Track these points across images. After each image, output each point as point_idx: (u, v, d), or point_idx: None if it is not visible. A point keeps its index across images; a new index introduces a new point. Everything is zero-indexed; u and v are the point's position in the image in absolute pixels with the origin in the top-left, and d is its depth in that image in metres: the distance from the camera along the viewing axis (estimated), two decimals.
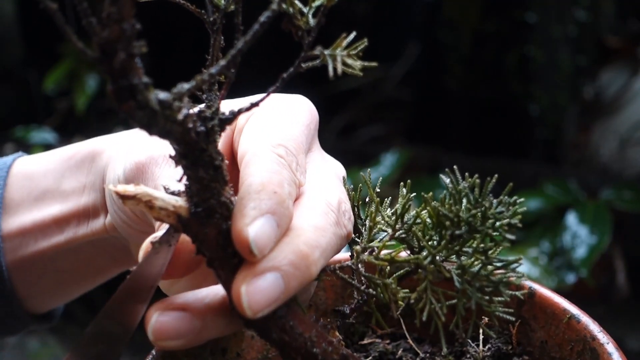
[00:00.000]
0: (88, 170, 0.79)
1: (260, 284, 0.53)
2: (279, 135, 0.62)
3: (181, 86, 0.48)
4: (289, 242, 0.55)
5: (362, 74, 0.56)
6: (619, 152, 2.54)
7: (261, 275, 0.53)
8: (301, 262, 0.54)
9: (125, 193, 0.52)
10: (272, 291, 0.53)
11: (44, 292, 0.85)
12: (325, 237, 0.57)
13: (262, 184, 0.55)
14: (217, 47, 0.58)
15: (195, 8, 0.60)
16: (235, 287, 0.53)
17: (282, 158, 0.59)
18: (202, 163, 0.53)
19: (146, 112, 0.45)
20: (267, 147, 0.60)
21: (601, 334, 0.65)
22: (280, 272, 0.53)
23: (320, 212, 0.58)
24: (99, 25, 0.42)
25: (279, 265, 0.53)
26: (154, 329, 0.55)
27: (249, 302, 0.52)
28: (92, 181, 0.78)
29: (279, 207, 0.54)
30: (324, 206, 0.59)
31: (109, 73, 0.43)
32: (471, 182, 0.60)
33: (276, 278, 0.53)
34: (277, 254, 0.54)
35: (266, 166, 0.57)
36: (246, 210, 0.53)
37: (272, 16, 0.51)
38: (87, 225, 0.78)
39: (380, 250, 0.63)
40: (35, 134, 2.81)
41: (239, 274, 0.53)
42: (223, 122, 0.54)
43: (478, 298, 0.59)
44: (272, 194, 0.54)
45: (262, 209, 0.53)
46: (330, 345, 0.58)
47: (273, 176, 0.56)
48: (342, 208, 0.60)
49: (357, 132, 3.05)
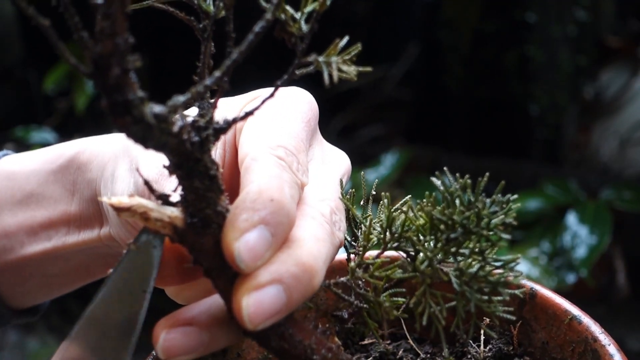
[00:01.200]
0: (74, 178, 0.77)
1: (261, 296, 0.51)
2: (277, 135, 0.60)
3: (176, 99, 0.47)
4: (291, 253, 0.53)
5: (357, 79, 0.56)
6: (619, 152, 2.54)
7: (263, 288, 0.51)
8: (304, 274, 0.53)
9: (120, 205, 0.52)
10: (273, 304, 0.52)
11: (30, 292, 0.84)
12: (326, 248, 0.56)
13: (260, 191, 0.53)
14: (207, 54, 0.58)
15: (185, 15, 0.60)
16: (236, 298, 0.52)
17: (282, 160, 0.58)
18: (197, 173, 0.52)
19: (141, 127, 0.45)
20: (266, 149, 0.58)
21: (603, 335, 0.65)
22: (282, 285, 0.52)
23: (318, 223, 0.57)
24: (91, 40, 0.41)
25: (281, 277, 0.52)
26: (163, 348, 0.54)
27: (249, 316, 0.51)
28: (81, 191, 0.76)
29: (274, 216, 0.52)
30: (319, 216, 0.58)
31: (102, 88, 0.42)
32: (462, 183, 0.59)
33: (278, 291, 0.52)
34: (279, 266, 0.52)
35: (266, 171, 0.56)
36: (237, 223, 0.52)
37: (266, 26, 0.50)
38: (78, 235, 0.77)
39: (375, 268, 0.62)
40: (35, 134, 2.81)
41: (240, 285, 0.52)
42: (217, 131, 0.53)
43: (477, 299, 0.59)
44: (268, 203, 0.53)
45: (254, 220, 0.52)
46: (330, 352, 0.58)
47: (272, 181, 0.55)
48: (333, 219, 0.59)
49: (357, 132, 3.04)
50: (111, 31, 0.41)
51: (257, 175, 0.55)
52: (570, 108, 2.63)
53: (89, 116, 2.91)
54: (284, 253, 0.53)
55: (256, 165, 0.57)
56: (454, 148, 2.75)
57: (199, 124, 0.52)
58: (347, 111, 3.03)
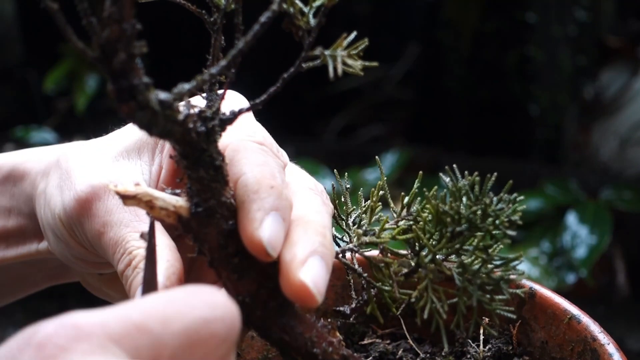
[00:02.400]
0: (11, 194, 0.75)
1: (313, 268, 0.54)
2: (248, 125, 0.62)
3: (182, 86, 0.48)
4: (307, 228, 0.56)
5: (362, 74, 0.56)
6: (619, 152, 2.54)
7: (307, 262, 0.54)
8: (325, 240, 0.56)
9: (126, 193, 0.52)
10: (324, 271, 0.54)
11: None
12: (326, 216, 0.59)
13: (257, 181, 0.55)
14: (217, 47, 0.58)
15: (196, 8, 0.60)
16: (293, 282, 0.53)
17: (263, 144, 0.60)
18: (203, 163, 0.53)
19: (147, 113, 0.45)
20: (244, 138, 0.60)
21: (602, 335, 0.65)
22: (319, 254, 0.54)
23: (310, 197, 0.60)
24: (99, 25, 0.42)
25: (314, 249, 0.55)
26: None
27: (317, 287, 0.53)
28: (18, 207, 0.74)
29: (280, 201, 0.55)
30: (309, 191, 0.61)
31: (109, 73, 0.43)
32: (471, 180, 0.60)
33: (320, 259, 0.54)
34: (306, 239, 0.55)
35: (252, 159, 0.57)
36: (252, 214, 0.53)
37: (272, 16, 0.51)
38: (17, 249, 0.75)
39: (381, 230, 0.64)
40: (35, 134, 2.81)
41: (286, 270, 0.54)
42: (224, 122, 0.54)
43: (479, 296, 0.59)
44: (270, 190, 0.55)
45: (266, 208, 0.54)
46: (331, 346, 0.58)
47: (264, 169, 0.56)
48: (319, 188, 0.62)
49: (357, 132, 3.05)
50: (119, 17, 0.41)
51: (248, 166, 0.57)
52: (570, 108, 2.63)
53: (89, 116, 2.91)
54: (301, 229, 0.56)
55: (241, 155, 0.58)
56: (454, 148, 2.75)
57: (205, 114, 0.52)
58: (347, 111, 3.03)
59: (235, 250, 0.55)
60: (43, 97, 3.09)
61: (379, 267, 0.64)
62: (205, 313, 0.42)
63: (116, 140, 0.68)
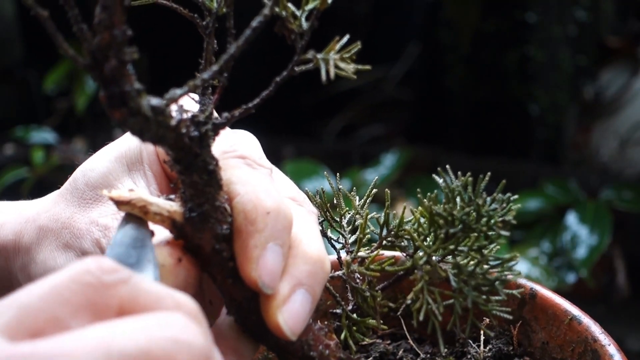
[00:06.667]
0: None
1: (292, 307, 0.53)
2: (225, 138, 0.58)
3: (174, 92, 0.48)
4: (295, 253, 0.55)
5: (355, 77, 0.56)
6: (619, 152, 2.54)
7: (289, 299, 0.53)
8: (315, 266, 0.55)
9: (120, 198, 0.52)
10: (304, 307, 0.54)
11: None
12: (315, 229, 0.58)
13: (254, 207, 0.54)
14: (210, 51, 0.58)
15: (188, 12, 0.60)
16: (271, 320, 0.53)
17: (246, 158, 0.58)
18: (196, 168, 0.52)
19: (138, 119, 0.45)
20: (224, 155, 0.57)
21: (602, 336, 0.65)
22: (304, 287, 0.54)
23: (295, 211, 0.58)
24: (90, 32, 0.41)
25: (299, 281, 0.54)
26: None
27: (291, 329, 0.53)
28: None
29: (276, 227, 0.53)
30: (292, 203, 0.59)
31: (100, 80, 0.42)
32: (464, 181, 0.60)
33: (303, 294, 0.54)
34: (293, 271, 0.54)
35: (241, 178, 0.55)
36: (249, 253, 0.53)
37: (264, 21, 0.50)
38: None
39: (370, 262, 0.63)
40: (35, 134, 2.81)
41: (267, 305, 0.53)
42: (217, 126, 0.53)
43: (474, 297, 0.59)
44: (266, 218, 0.53)
45: (262, 243, 0.53)
46: (327, 348, 0.58)
47: (256, 189, 0.55)
48: (301, 198, 0.61)
49: (357, 132, 3.05)
50: (109, 23, 0.41)
51: (239, 186, 0.55)
52: (570, 108, 2.63)
53: (89, 116, 2.91)
54: (290, 256, 0.55)
55: (229, 174, 0.56)
56: (454, 148, 2.75)
57: (198, 119, 0.52)
58: (347, 111, 3.03)
59: (230, 254, 0.54)
60: (43, 97, 3.09)
61: (365, 298, 0.64)
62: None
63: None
